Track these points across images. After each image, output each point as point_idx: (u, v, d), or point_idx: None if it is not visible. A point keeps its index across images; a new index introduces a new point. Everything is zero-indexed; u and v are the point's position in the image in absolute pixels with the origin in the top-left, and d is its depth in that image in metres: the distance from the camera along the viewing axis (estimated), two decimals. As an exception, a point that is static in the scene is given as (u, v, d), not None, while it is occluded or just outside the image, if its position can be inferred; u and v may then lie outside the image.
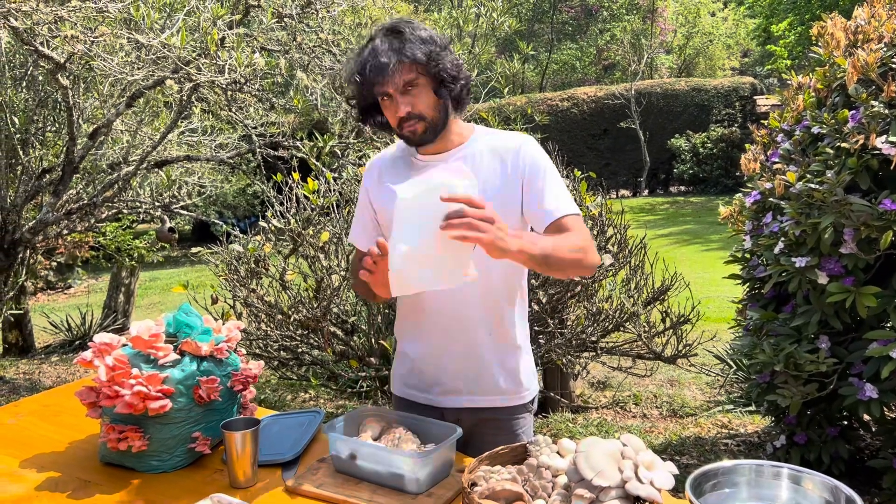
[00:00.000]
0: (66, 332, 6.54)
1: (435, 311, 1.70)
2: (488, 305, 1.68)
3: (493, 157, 1.65)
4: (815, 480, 1.25)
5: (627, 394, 4.51)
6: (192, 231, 14.94)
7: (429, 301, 1.70)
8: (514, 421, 1.75)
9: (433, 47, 1.55)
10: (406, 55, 1.52)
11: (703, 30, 22.78)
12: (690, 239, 10.97)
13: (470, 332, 1.69)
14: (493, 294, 1.67)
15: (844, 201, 2.42)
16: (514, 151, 1.63)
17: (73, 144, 4.01)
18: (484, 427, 1.73)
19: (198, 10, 3.30)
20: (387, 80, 1.52)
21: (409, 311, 1.77)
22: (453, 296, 1.66)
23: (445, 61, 1.57)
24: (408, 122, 1.57)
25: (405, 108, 1.55)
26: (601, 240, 3.40)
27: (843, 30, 2.88)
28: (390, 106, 1.58)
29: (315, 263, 3.18)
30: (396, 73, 1.52)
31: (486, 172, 1.63)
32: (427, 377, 1.74)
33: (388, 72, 1.51)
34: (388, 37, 1.55)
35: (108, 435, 1.49)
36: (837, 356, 2.67)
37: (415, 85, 1.55)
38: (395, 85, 1.53)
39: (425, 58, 1.53)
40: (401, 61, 1.52)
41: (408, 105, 1.55)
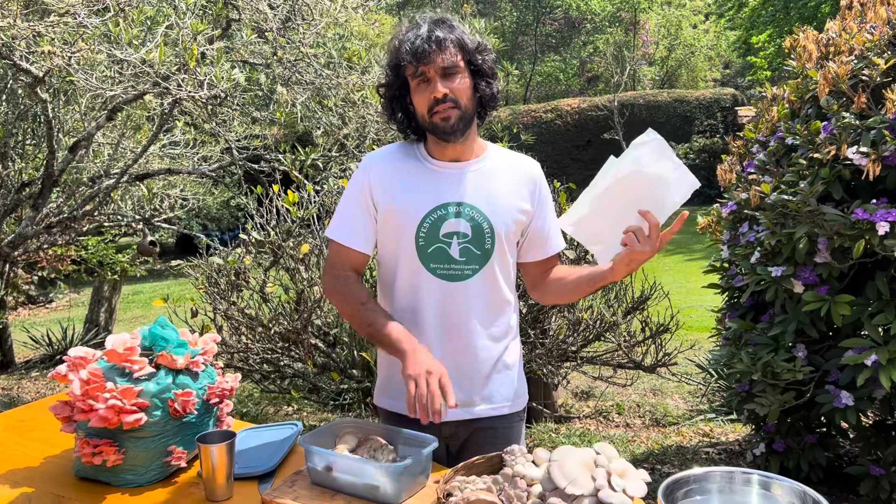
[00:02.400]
0: (47, 347, 6.48)
1: (429, 323, 1.69)
2: (484, 315, 1.70)
3: (511, 176, 1.71)
4: (784, 486, 1.27)
5: (610, 403, 4.53)
6: (176, 244, 14.85)
7: (423, 313, 1.69)
8: (509, 429, 1.77)
9: (480, 41, 1.62)
10: (456, 38, 1.57)
11: (684, 42, 23.03)
12: (673, 249, 11.04)
13: (466, 341, 1.69)
14: (488, 303, 1.70)
15: (818, 211, 2.45)
16: (532, 177, 1.74)
17: (53, 157, 3.99)
18: (481, 436, 1.74)
19: (178, 25, 3.30)
20: (434, 57, 1.55)
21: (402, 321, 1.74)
22: (445, 306, 1.67)
23: (488, 58, 1.63)
24: (443, 104, 1.57)
25: (443, 89, 1.56)
26: (581, 251, 3.42)
27: (815, 42, 2.93)
28: (424, 90, 1.59)
29: (295, 275, 3.18)
30: (445, 52, 1.55)
31: (503, 189, 1.69)
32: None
33: (439, 48, 1.55)
34: (436, 23, 1.60)
35: (83, 449, 1.48)
36: (814, 364, 2.70)
37: (456, 71, 1.58)
38: (440, 64, 1.56)
39: (472, 45, 1.59)
40: (451, 42, 1.56)
41: (445, 87, 1.57)
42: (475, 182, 1.68)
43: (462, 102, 1.59)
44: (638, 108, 16.46)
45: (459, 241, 1.65)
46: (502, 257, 1.70)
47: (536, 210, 1.74)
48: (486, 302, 1.69)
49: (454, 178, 1.68)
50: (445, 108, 1.57)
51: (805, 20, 13.01)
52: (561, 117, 16.69)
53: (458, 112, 1.59)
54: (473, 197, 1.67)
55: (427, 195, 1.66)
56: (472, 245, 1.66)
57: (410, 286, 1.70)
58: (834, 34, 2.90)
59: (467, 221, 1.65)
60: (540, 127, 16.23)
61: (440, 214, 1.65)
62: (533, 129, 15.50)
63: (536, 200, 1.74)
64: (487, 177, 1.69)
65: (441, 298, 1.67)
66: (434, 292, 1.67)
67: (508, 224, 1.68)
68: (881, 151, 2.35)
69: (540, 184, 1.75)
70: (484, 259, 1.67)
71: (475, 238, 1.66)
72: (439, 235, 1.66)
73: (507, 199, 1.69)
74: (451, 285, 1.67)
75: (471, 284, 1.67)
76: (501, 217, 1.68)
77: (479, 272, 1.67)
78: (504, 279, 1.72)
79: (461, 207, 1.66)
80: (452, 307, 1.67)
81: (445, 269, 1.66)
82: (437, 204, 1.66)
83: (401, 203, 1.67)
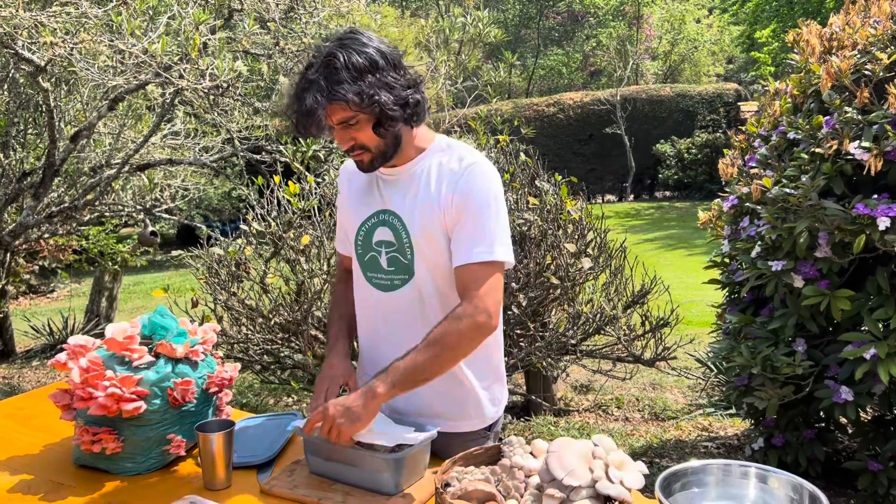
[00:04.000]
0: (48, 337, 6.48)
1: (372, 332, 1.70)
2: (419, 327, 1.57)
3: (436, 175, 1.57)
4: (780, 479, 1.27)
5: (609, 397, 4.53)
6: (177, 234, 14.85)
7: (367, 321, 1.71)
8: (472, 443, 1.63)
9: (369, 79, 1.44)
10: (335, 96, 1.42)
11: (688, 36, 22.94)
12: (675, 244, 11.03)
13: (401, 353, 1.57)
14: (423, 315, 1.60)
15: (819, 206, 2.45)
16: (455, 174, 1.54)
17: (54, 147, 3.99)
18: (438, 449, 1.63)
19: (180, 15, 3.29)
20: (318, 125, 1.45)
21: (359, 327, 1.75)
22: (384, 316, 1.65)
23: (383, 97, 1.45)
24: (353, 152, 1.53)
25: (347, 142, 1.51)
26: (581, 244, 3.42)
27: (818, 37, 2.92)
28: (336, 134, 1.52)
29: (296, 267, 3.18)
30: (326, 117, 1.45)
31: (424, 193, 1.56)
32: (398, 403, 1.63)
33: (317, 117, 1.43)
34: (322, 70, 1.44)
35: (82, 437, 1.49)
36: (813, 359, 2.70)
37: (351, 122, 1.47)
38: (328, 125, 1.47)
39: (357, 98, 1.43)
40: (330, 103, 1.43)
41: (349, 140, 1.50)
42: (401, 188, 1.60)
43: (369, 145, 1.51)
44: (640, 102, 16.40)
45: (387, 250, 1.62)
46: (427, 265, 1.58)
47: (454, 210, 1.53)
48: (420, 314, 1.60)
49: (389, 185, 1.63)
50: (357, 153, 1.53)
51: (809, 15, 12.96)
52: (563, 111, 16.64)
53: (369, 155, 1.53)
54: (397, 204, 1.60)
55: (366, 203, 1.66)
56: (398, 254, 1.60)
57: (358, 294, 1.73)
58: (837, 29, 2.89)
59: (391, 230, 1.61)
60: (542, 121, 16.18)
61: (373, 223, 1.64)
62: (535, 123, 15.46)
63: (451, 199, 1.53)
64: (415, 181, 1.58)
65: (378, 308, 1.66)
66: (372, 301, 1.67)
67: (425, 230, 1.56)
68: (883, 147, 2.35)
69: (461, 181, 1.53)
70: (409, 269, 1.59)
71: (399, 247, 1.60)
72: (372, 244, 1.64)
73: (423, 203, 1.56)
74: (385, 295, 1.64)
75: (401, 295, 1.61)
76: (419, 225, 1.56)
77: (407, 283, 1.60)
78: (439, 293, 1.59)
79: (387, 215, 1.62)
80: (388, 317, 1.65)
81: (378, 278, 1.64)
82: (372, 212, 1.64)
83: (347, 210, 1.72)
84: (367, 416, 1.44)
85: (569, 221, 3.38)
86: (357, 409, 1.43)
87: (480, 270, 1.51)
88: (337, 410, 1.43)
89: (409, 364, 1.47)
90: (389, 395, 1.45)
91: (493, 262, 1.52)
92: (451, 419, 1.65)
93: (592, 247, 3.57)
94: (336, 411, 1.43)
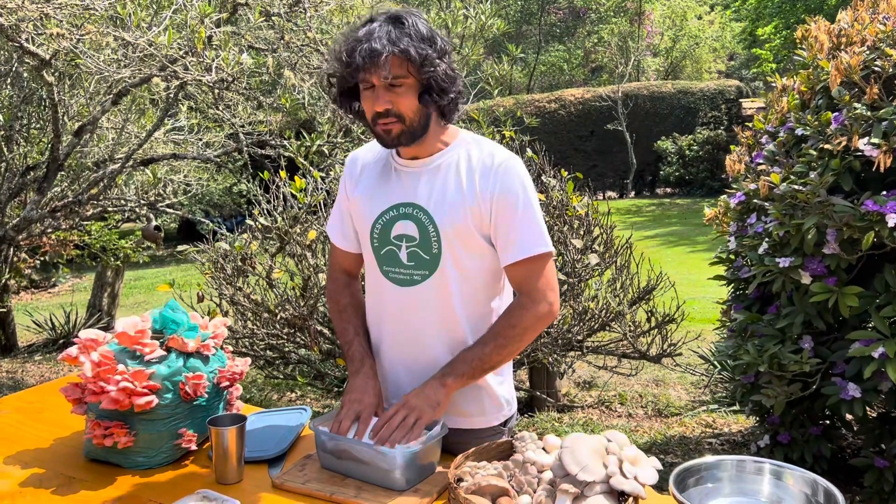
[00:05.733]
0: (50, 332, 6.48)
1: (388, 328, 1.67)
2: (439, 324, 1.60)
3: (466, 169, 1.55)
4: (795, 475, 1.27)
5: (613, 393, 4.53)
6: (178, 230, 14.86)
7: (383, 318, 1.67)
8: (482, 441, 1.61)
9: (430, 50, 1.45)
10: (399, 48, 1.42)
11: (689, 33, 22.89)
12: (677, 240, 11.03)
13: (421, 350, 1.62)
14: (444, 311, 1.59)
15: (827, 202, 2.44)
16: (490, 169, 1.53)
17: (58, 141, 3.98)
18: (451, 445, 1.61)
19: (185, 8, 3.28)
20: (375, 69, 1.42)
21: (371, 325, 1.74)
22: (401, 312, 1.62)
23: (439, 69, 1.46)
24: (385, 118, 1.47)
25: (385, 103, 1.45)
26: (588, 239, 3.42)
27: (826, 33, 2.91)
28: (370, 97, 1.48)
29: (302, 262, 3.18)
30: (387, 65, 1.41)
31: (455, 187, 1.54)
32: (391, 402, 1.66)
33: (379, 61, 1.41)
34: (388, 23, 1.45)
35: (94, 431, 1.49)
36: (820, 356, 2.70)
37: (400, 83, 1.45)
38: (382, 76, 1.43)
39: (419, 59, 1.43)
40: (393, 53, 1.41)
41: (388, 102, 1.45)
42: (427, 181, 1.57)
43: (407, 117, 1.47)
44: (642, 98, 16.39)
45: (408, 244, 1.58)
46: (455, 262, 1.56)
47: (492, 207, 1.53)
48: (442, 311, 1.58)
49: (411, 177, 1.59)
50: (388, 122, 1.48)
51: (811, 11, 12.93)
52: (564, 107, 16.63)
53: (402, 127, 1.48)
54: (422, 197, 1.56)
55: (383, 195, 1.61)
56: (420, 249, 1.57)
57: (373, 289, 1.68)
58: (846, 25, 2.88)
59: (415, 223, 1.56)
60: (543, 117, 16.16)
61: (392, 216, 1.59)
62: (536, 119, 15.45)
63: (490, 196, 1.52)
64: (441, 173, 1.56)
65: (396, 304, 1.62)
66: (390, 297, 1.63)
67: (455, 225, 1.53)
68: (892, 143, 2.34)
69: (499, 177, 1.52)
70: (433, 264, 1.56)
71: (423, 241, 1.56)
72: (391, 238, 1.59)
73: (454, 197, 1.53)
74: (404, 290, 1.60)
75: (421, 290, 1.58)
76: (447, 217, 1.53)
77: (429, 278, 1.57)
78: (464, 288, 1.58)
79: (410, 208, 1.57)
80: (407, 313, 1.61)
81: (396, 273, 1.60)
82: (390, 205, 1.59)
83: (360, 202, 1.65)
84: (444, 404, 1.52)
85: (575, 217, 3.38)
86: (435, 397, 1.51)
87: (537, 263, 1.55)
88: (417, 400, 1.50)
89: (477, 354, 1.54)
90: (459, 384, 1.54)
91: (547, 253, 1.56)
92: (469, 415, 1.65)
93: (598, 243, 3.56)
94: (417, 401, 1.50)
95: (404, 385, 1.63)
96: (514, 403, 1.75)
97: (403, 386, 1.63)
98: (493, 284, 1.63)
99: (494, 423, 1.69)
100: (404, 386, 1.63)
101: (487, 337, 1.56)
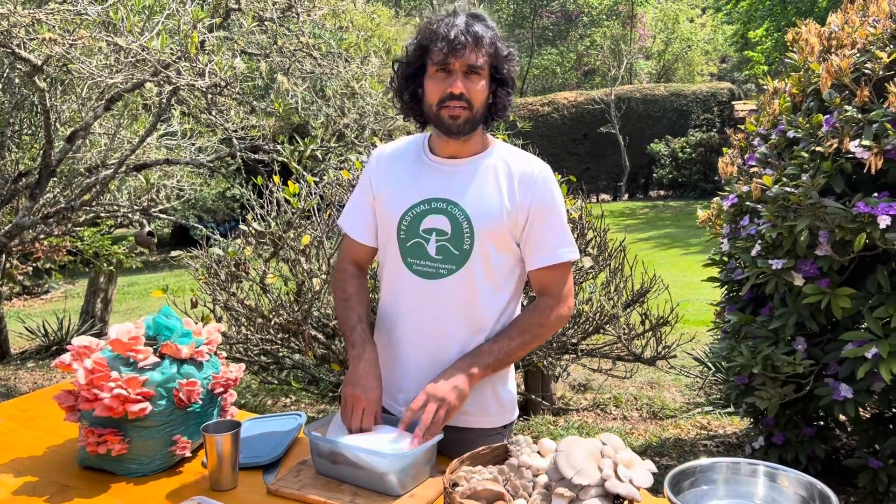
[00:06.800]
0: (43, 338, 6.45)
1: (406, 320, 1.68)
2: (460, 319, 1.64)
3: (505, 175, 1.63)
4: (790, 477, 1.27)
5: (608, 396, 4.54)
6: (171, 235, 14.82)
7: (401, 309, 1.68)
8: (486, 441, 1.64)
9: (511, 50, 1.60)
10: (490, 39, 1.55)
11: (681, 36, 22.98)
12: (670, 243, 11.06)
13: (439, 344, 1.65)
14: (467, 307, 1.63)
15: (819, 204, 2.45)
16: (529, 178, 1.62)
17: (50, 147, 3.96)
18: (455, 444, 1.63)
19: (178, 14, 3.28)
20: (466, 52, 1.52)
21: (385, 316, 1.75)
22: (422, 304, 1.65)
23: (514, 68, 1.61)
24: (456, 101, 1.54)
25: (461, 87, 1.53)
26: (581, 242, 3.42)
27: (817, 36, 2.93)
28: (442, 80, 1.55)
29: (296, 267, 3.17)
30: (478, 50, 1.53)
31: (492, 188, 1.61)
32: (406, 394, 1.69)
33: (475, 44, 1.52)
34: (475, 17, 1.57)
35: (87, 438, 1.48)
36: (814, 357, 2.71)
37: (480, 73, 1.55)
38: (468, 61, 1.52)
39: (505, 53, 1.57)
40: (486, 42, 1.54)
41: (464, 86, 1.54)
42: (465, 179, 1.63)
43: (475, 105, 1.56)
44: (634, 101, 16.44)
45: (437, 238, 1.61)
46: (484, 260, 1.61)
47: (529, 215, 1.62)
48: (465, 305, 1.63)
49: (446, 175, 1.64)
50: (457, 105, 1.54)
51: (802, 14, 13.00)
52: (558, 110, 16.67)
53: (468, 114, 1.56)
54: (459, 194, 1.61)
55: (414, 188, 1.65)
56: (450, 243, 1.61)
57: (392, 281, 1.70)
58: (836, 27, 2.89)
59: (448, 219, 1.61)
60: (536, 120, 16.20)
61: (423, 209, 1.63)
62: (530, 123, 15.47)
63: (528, 204, 1.61)
64: (480, 175, 1.62)
65: (417, 296, 1.65)
66: (411, 289, 1.65)
67: (492, 225, 1.60)
68: (883, 145, 2.35)
69: (537, 188, 1.62)
70: (462, 259, 1.61)
71: (454, 237, 1.61)
72: (419, 230, 1.63)
73: (493, 199, 1.60)
74: (427, 283, 1.63)
75: (447, 284, 1.62)
76: (484, 217, 1.60)
77: (456, 272, 1.61)
78: (488, 285, 1.64)
79: (444, 204, 1.62)
80: (428, 306, 1.64)
81: (421, 265, 1.63)
82: (422, 198, 1.63)
83: (390, 194, 1.68)
84: (468, 393, 1.57)
85: (569, 220, 3.38)
86: (460, 387, 1.55)
87: (563, 269, 1.66)
88: (443, 391, 1.53)
89: (501, 348, 1.61)
90: (483, 375, 1.60)
91: (571, 261, 1.67)
92: (472, 415, 1.68)
93: (592, 246, 3.57)
94: (443, 392, 1.53)
95: (418, 376, 1.65)
96: (515, 405, 1.79)
97: (418, 377, 1.65)
98: (513, 284, 1.70)
99: (496, 425, 1.72)
100: (418, 377, 1.65)
101: (514, 332, 1.63)
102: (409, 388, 1.67)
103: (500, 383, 1.72)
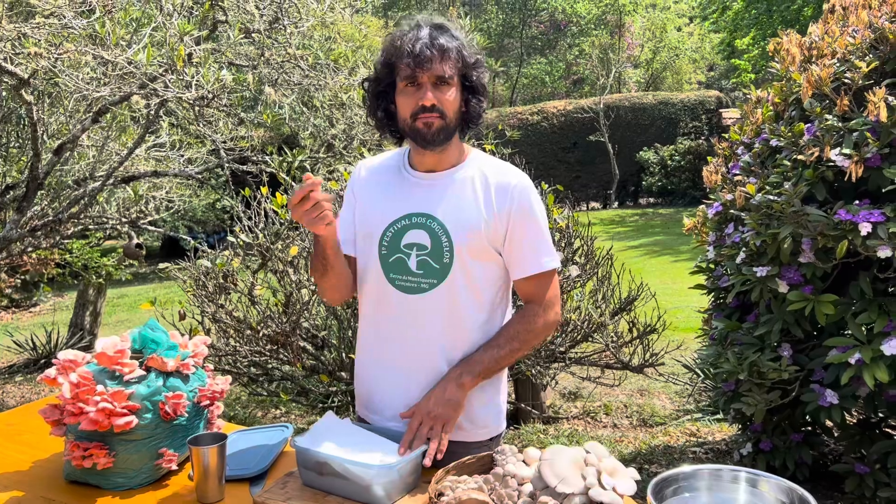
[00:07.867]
0: (31, 351, 6.41)
1: (389, 335, 1.68)
2: (444, 333, 1.64)
3: (483, 185, 1.63)
4: (770, 483, 1.29)
5: (598, 404, 4.55)
6: (161, 247, 14.76)
7: (385, 324, 1.68)
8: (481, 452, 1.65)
9: (479, 57, 1.61)
10: (456, 48, 1.55)
11: (669, 45, 23.15)
12: (660, 250, 11.11)
13: (424, 358, 1.65)
14: (450, 321, 1.63)
15: (802, 212, 2.48)
16: (507, 188, 1.62)
17: (38, 160, 3.95)
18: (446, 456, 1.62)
19: (164, 26, 3.29)
20: (432, 64, 1.52)
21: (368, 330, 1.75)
22: (405, 319, 1.65)
23: (483, 75, 1.61)
24: (428, 113, 1.54)
25: (432, 98, 1.54)
26: (568, 251, 3.44)
27: (798, 46, 2.97)
28: (412, 94, 1.55)
29: (284, 278, 3.17)
30: (445, 62, 1.53)
31: (471, 200, 1.61)
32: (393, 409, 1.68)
33: (440, 56, 1.52)
34: (439, 28, 1.57)
35: (73, 452, 1.48)
36: (799, 363, 2.73)
37: (449, 83, 1.56)
38: (435, 72, 1.53)
39: (472, 61, 1.58)
40: (451, 52, 1.54)
41: (435, 98, 1.54)
42: (442, 193, 1.63)
43: (448, 115, 1.56)
44: (623, 110, 16.54)
45: (418, 252, 1.62)
46: (465, 272, 1.61)
47: (509, 223, 1.62)
48: (448, 319, 1.63)
49: (425, 189, 1.64)
50: (431, 116, 1.55)
51: (788, 23, 13.14)
52: (547, 119, 16.75)
53: (442, 123, 1.56)
54: (436, 208, 1.62)
55: (394, 204, 1.66)
56: (430, 258, 1.61)
57: (375, 295, 1.70)
58: (817, 38, 2.94)
59: (427, 233, 1.61)
60: (526, 129, 16.27)
61: (404, 224, 1.63)
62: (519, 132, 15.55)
63: (507, 212, 1.61)
64: (457, 187, 1.63)
65: (400, 310, 1.65)
66: (393, 304, 1.65)
67: (471, 238, 1.60)
68: (863, 153, 2.38)
69: (515, 195, 1.61)
70: (443, 273, 1.61)
71: (434, 251, 1.61)
72: (401, 246, 1.63)
73: (471, 210, 1.61)
74: (409, 298, 1.63)
75: (428, 299, 1.62)
76: (462, 229, 1.60)
77: (437, 287, 1.61)
78: (471, 298, 1.64)
79: (423, 218, 1.62)
80: (411, 320, 1.64)
81: (403, 280, 1.63)
82: (402, 213, 1.64)
83: (370, 210, 1.69)
84: (463, 404, 1.60)
85: (555, 229, 3.40)
86: (454, 398, 1.58)
87: (547, 277, 1.67)
88: (438, 407, 1.56)
89: (491, 356, 1.63)
90: (474, 384, 1.61)
91: (555, 269, 1.69)
92: (463, 429, 1.67)
93: (579, 254, 3.59)
94: (438, 409, 1.55)
95: (404, 391, 1.66)
96: (504, 418, 1.79)
97: (404, 392, 1.66)
98: (497, 295, 1.70)
99: (484, 438, 1.71)
100: (404, 392, 1.65)
101: (502, 340, 1.64)
102: (395, 405, 1.67)
103: (489, 396, 1.71)
